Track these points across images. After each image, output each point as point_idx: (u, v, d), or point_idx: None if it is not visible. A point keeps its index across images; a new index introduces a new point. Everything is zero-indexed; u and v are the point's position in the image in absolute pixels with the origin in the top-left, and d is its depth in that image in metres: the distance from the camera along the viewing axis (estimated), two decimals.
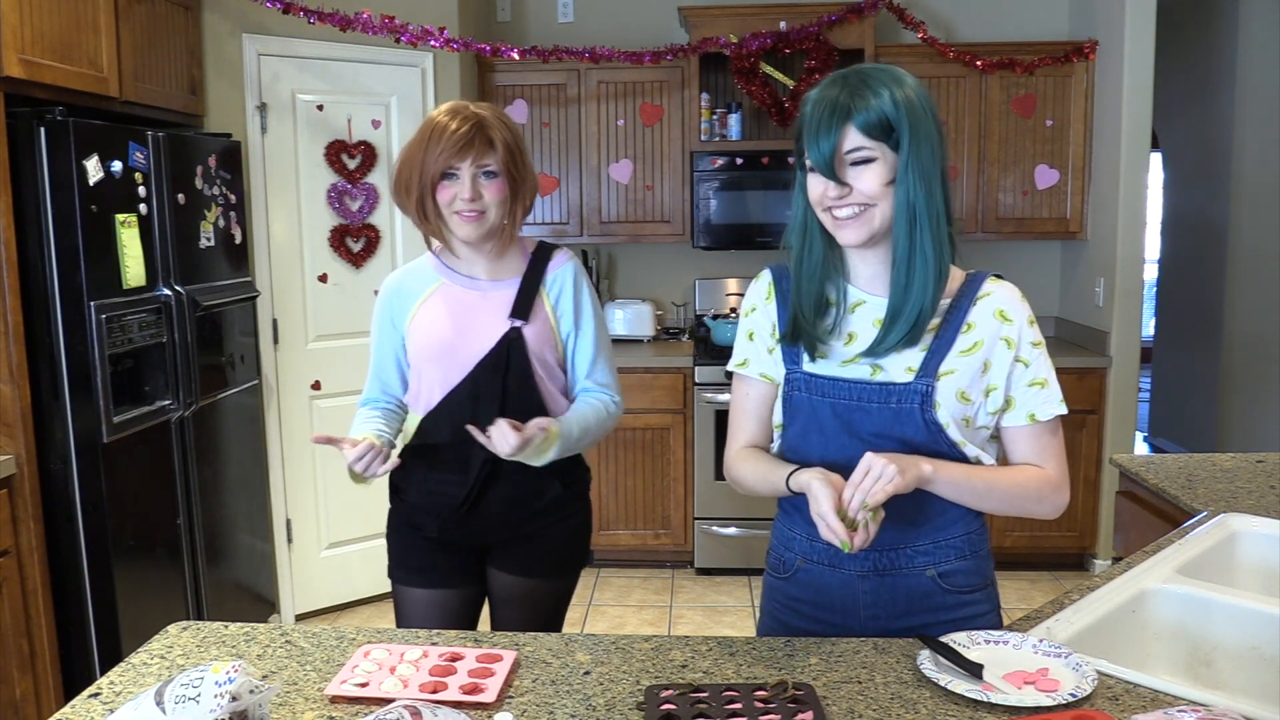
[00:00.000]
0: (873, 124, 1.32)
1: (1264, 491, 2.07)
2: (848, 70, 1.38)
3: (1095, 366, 4.10)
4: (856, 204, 1.36)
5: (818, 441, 1.45)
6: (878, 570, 1.46)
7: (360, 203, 3.80)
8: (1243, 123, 5.14)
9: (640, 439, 4.20)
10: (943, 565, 1.46)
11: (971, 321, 1.42)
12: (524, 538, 1.90)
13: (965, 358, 1.41)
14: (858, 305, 1.46)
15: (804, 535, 1.50)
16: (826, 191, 1.36)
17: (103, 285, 2.67)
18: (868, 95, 1.33)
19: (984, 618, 1.49)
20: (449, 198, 1.79)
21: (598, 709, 1.23)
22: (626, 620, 3.84)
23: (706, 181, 4.32)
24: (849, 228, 1.37)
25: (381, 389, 1.96)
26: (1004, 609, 3.95)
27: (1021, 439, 1.46)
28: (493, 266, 1.89)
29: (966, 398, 1.41)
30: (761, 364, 1.52)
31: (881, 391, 1.41)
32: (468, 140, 1.76)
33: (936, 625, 1.45)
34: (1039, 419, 1.44)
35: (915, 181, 1.34)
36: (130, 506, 2.80)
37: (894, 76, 1.36)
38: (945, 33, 4.54)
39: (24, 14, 2.43)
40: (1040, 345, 1.45)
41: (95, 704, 1.25)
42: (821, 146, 1.34)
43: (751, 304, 1.55)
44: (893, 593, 1.46)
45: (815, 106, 1.35)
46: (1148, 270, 4.39)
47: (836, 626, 1.49)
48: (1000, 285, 1.46)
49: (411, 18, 3.60)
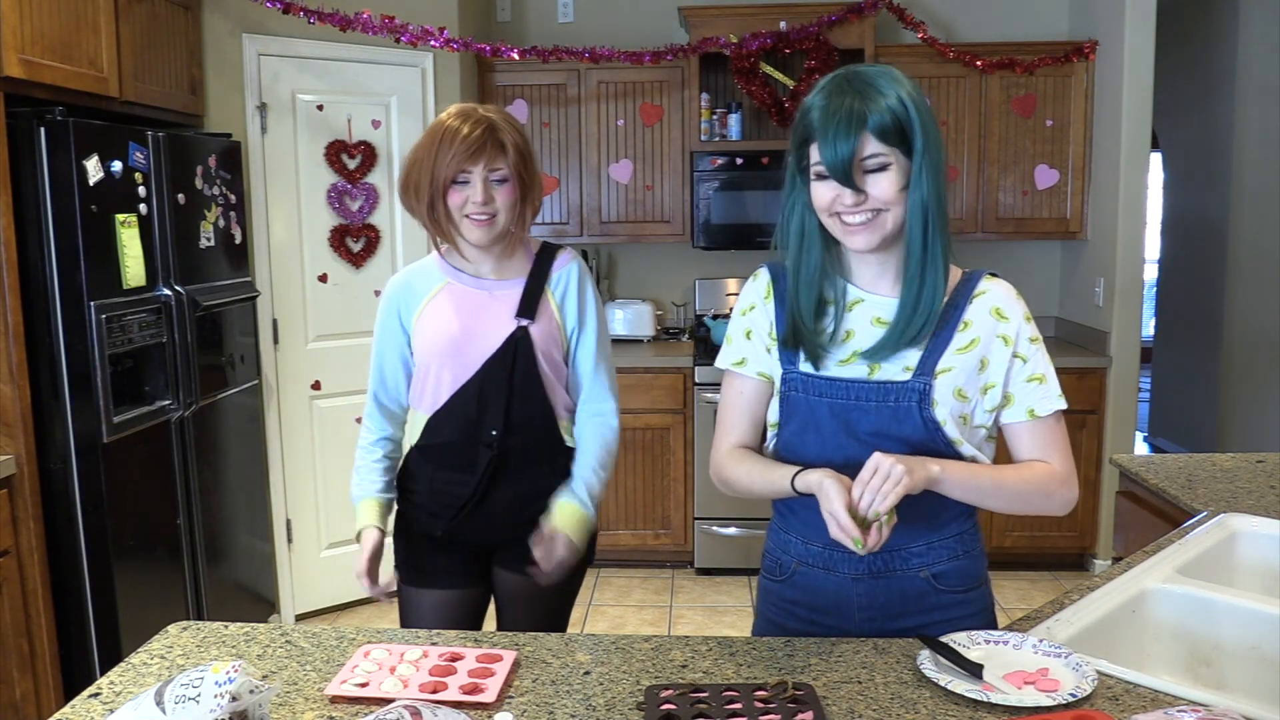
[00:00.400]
0: (888, 128, 1.32)
1: (1264, 491, 2.07)
2: (847, 74, 1.36)
3: (1095, 366, 4.10)
4: (870, 210, 1.35)
5: (815, 441, 1.44)
6: (872, 573, 1.46)
7: (360, 203, 3.80)
8: (1243, 123, 5.14)
9: (640, 439, 4.20)
10: (936, 566, 1.46)
11: (968, 320, 1.43)
12: (526, 538, 1.90)
13: (962, 355, 1.41)
14: (856, 304, 1.46)
15: (799, 539, 1.50)
16: (841, 199, 1.35)
17: (103, 285, 2.67)
18: (878, 99, 1.32)
19: (978, 616, 1.49)
20: (460, 202, 1.79)
21: (598, 709, 1.23)
22: (626, 620, 3.84)
23: (706, 181, 4.32)
24: (861, 233, 1.37)
25: (388, 389, 1.96)
26: (1004, 609, 3.96)
27: (1024, 435, 1.46)
28: (499, 266, 1.90)
29: (964, 395, 1.41)
30: (760, 363, 1.52)
31: (879, 390, 1.41)
32: (480, 145, 1.76)
33: (931, 625, 1.45)
34: (1039, 414, 1.44)
35: (929, 184, 1.34)
36: (130, 506, 2.80)
37: (894, 77, 1.35)
38: (945, 33, 4.54)
39: (24, 14, 2.43)
40: (1038, 341, 1.45)
41: (95, 704, 1.25)
42: (839, 153, 1.31)
43: (750, 302, 1.54)
44: (887, 595, 1.46)
45: (825, 114, 1.33)
46: (1148, 270, 4.39)
47: (831, 629, 1.49)
48: (996, 283, 1.46)
49: (411, 18, 3.60)
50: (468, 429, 1.85)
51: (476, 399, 1.84)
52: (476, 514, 1.88)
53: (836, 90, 1.34)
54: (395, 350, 1.94)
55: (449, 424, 1.87)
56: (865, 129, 1.31)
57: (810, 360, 1.44)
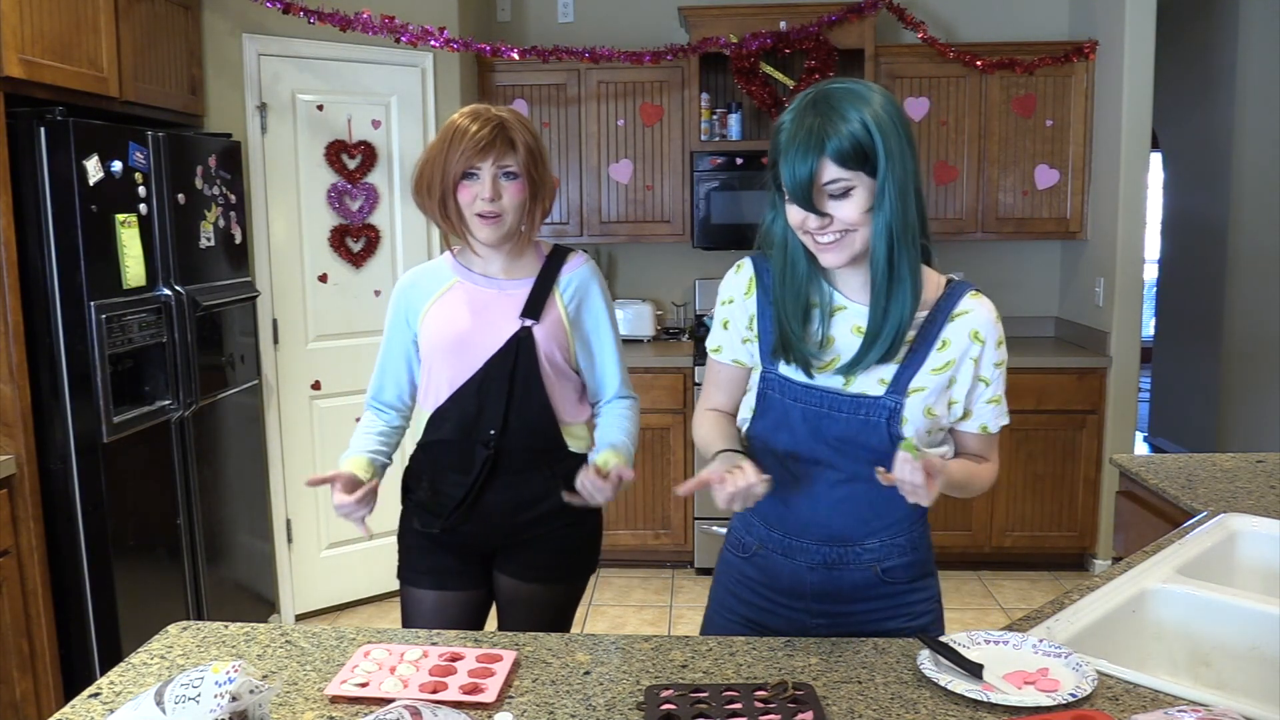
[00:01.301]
0: (847, 153, 1.32)
1: (1264, 491, 2.07)
2: (815, 94, 1.36)
3: (1095, 366, 4.10)
4: (837, 230, 1.37)
5: (786, 438, 1.50)
6: (826, 564, 1.53)
7: (360, 203, 3.80)
8: (1243, 123, 5.14)
9: (640, 439, 4.17)
10: (887, 562, 1.53)
11: (947, 339, 1.46)
12: (527, 542, 1.90)
13: (936, 375, 1.45)
14: (838, 310, 1.48)
15: (763, 523, 1.58)
16: (806, 221, 1.37)
17: (103, 285, 2.67)
18: (838, 123, 1.31)
19: (924, 603, 1.56)
20: (470, 198, 1.79)
21: (598, 709, 1.23)
22: (626, 620, 3.85)
23: (706, 181, 4.32)
24: (830, 251, 1.39)
25: (388, 386, 1.97)
26: (1004, 609, 3.96)
27: (971, 441, 1.54)
28: (509, 266, 1.90)
29: (932, 413, 1.46)
30: (734, 352, 1.59)
31: (851, 403, 1.45)
32: (489, 141, 1.77)
33: (879, 611, 1.53)
34: (990, 430, 1.52)
35: (893, 206, 1.35)
36: (130, 506, 2.80)
37: (860, 96, 1.34)
38: (945, 33, 4.54)
39: (24, 14, 2.43)
40: (1002, 365, 1.50)
41: (95, 704, 1.25)
42: (798, 177, 1.33)
43: (729, 295, 1.58)
44: (838, 584, 1.53)
45: (789, 136, 1.34)
46: (1148, 270, 4.39)
47: (784, 605, 1.56)
48: (978, 303, 1.48)
49: (411, 18, 3.60)
50: (466, 427, 1.85)
51: (476, 397, 1.84)
52: (473, 514, 1.87)
53: (802, 112, 1.35)
54: (400, 349, 1.94)
55: (448, 422, 1.87)
56: (824, 155, 1.32)
57: (804, 370, 1.47)
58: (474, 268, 1.91)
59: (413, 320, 1.91)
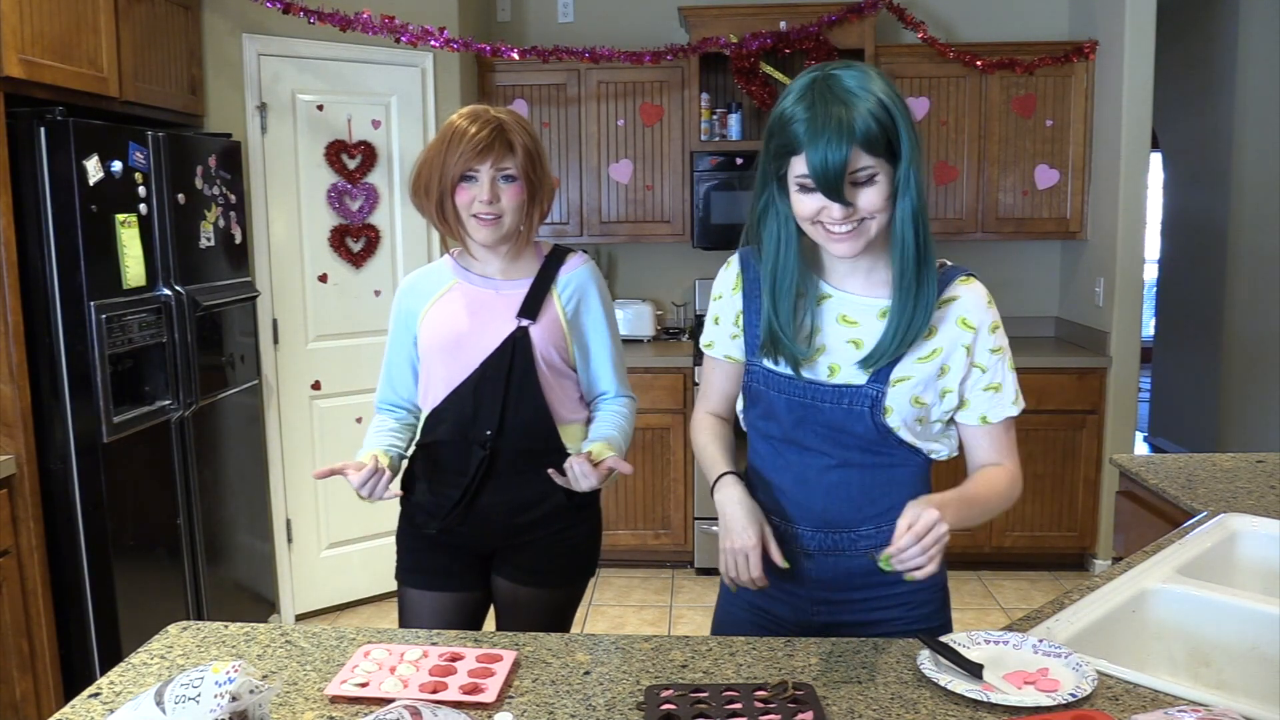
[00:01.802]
0: (875, 139, 1.29)
1: (1264, 491, 2.07)
2: (824, 79, 1.32)
3: (1095, 366, 4.10)
4: (856, 219, 1.35)
5: (775, 426, 1.52)
6: (823, 550, 1.52)
7: (360, 203, 3.80)
8: (1243, 123, 5.14)
9: (640, 439, 4.19)
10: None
11: (934, 327, 1.44)
12: (525, 544, 1.89)
13: (922, 364, 1.43)
14: (825, 299, 1.48)
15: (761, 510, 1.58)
16: (828, 211, 1.34)
17: (103, 285, 2.67)
18: (862, 108, 1.29)
19: (924, 592, 1.53)
20: (468, 200, 1.80)
21: (598, 709, 1.23)
22: (626, 620, 3.84)
23: (706, 181, 4.32)
24: (845, 241, 1.37)
25: (392, 388, 1.97)
26: (1004, 609, 3.95)
27: (979, 437, 1.50)
28: (507, 267, 1.90)
29: (920, 402, 1.44)
30: (725, 347, 1.60)
31: (834, 393, 1.44)
32: (488, 143, 1.77)
33: (878, 599, 1.52)
34: (990, 420, 1.48)
35: (916, 190, 1.34)
36: (130, 506, 2.80)
37: (871, 78, 1.32)
38: (945, 33, 4.54)
39: (24, 14, 2.43)
40: (999, 351, 1.46)
41: (95, 704, 1.25)
42: (831, 166, 1.29)
43: (718, 291, 1.60)
44: (834, 571, 1.53)
45: (812, 126, 1.29)
46: (1148, 270, 4.39)
47: (783, 589, 1.55)
48: (968, 289, 1.46)
49: (411, 18, 3.60)
50: (462, 428, 1.85)
51: (472, 398, 1.84)
52: (471, 515, 1.87)
53: (820, 99, 1.30)
54: (403, 352, 1.94)
55: (444, 422, 1.87)
56: (855, 142, 1.29)
57: (793, 368, 1.46)
58: (472, 269, 1.91)
59: (412, 322, 1.91)
